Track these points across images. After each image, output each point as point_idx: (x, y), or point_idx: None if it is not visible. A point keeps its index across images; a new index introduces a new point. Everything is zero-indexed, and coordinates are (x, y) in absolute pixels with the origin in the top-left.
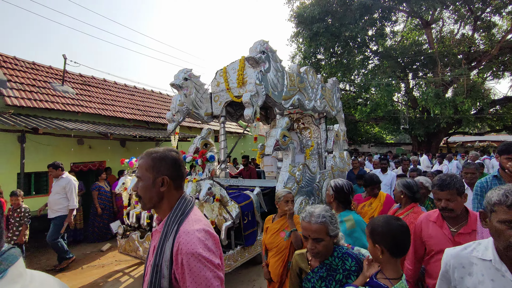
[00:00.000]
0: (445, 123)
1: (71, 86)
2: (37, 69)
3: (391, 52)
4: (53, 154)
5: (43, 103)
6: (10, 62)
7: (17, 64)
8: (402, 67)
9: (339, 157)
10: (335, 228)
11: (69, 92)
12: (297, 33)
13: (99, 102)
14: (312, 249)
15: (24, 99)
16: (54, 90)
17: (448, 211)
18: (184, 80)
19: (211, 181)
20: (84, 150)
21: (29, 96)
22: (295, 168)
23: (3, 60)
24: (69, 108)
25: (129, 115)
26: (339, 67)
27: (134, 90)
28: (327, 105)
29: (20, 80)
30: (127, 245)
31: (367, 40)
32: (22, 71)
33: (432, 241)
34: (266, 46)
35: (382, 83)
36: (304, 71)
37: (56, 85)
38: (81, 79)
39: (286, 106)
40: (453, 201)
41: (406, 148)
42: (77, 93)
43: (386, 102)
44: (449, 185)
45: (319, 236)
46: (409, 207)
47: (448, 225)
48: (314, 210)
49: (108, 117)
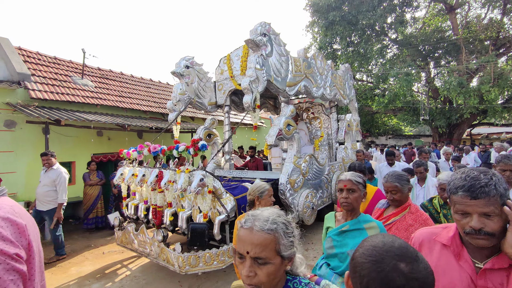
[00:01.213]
0: (469, 114)
1: (90, 79)
2: (58, 63)
3: (411, 40)
4: (75, 145)
5: (65, 96)
6: (34, 57)
7: (40, 59)
8: (423, 56)
9: (351, 148)
10: (291, 245)
11: (88, 85)
12: (312, 22)
13: (116, 94)
14: (250, 276)
15: (47, 92)
16: (74, 83)
17: (486, 237)
18: (186, 68)
19: (203, 172)
20: (104, 141)
21: (51, 89)
22: (300, 159)
23: (27, 55)
24: (88, 101)
25: (146, 107)
26: (356, 57)
27: (150, 82)
28: (338, 93)
29: (43, 74)
30: (123, 237)
31: (386, 28)
32: (45, 66)
33: (439, 278)
34: (267, 28)
35: (401, 73)
36: (312, 56)
37: (76, 79)
38: (99, 73)
39: (291, 94)
40: (494, 217)
41: (426, 140)
42: (96, 86)
43: (405, 93)
44: (487, 190)
45: (262, 254)
46: (404, 207)
47: (470, 255)
48: (261, 212)
49: (125, 109)
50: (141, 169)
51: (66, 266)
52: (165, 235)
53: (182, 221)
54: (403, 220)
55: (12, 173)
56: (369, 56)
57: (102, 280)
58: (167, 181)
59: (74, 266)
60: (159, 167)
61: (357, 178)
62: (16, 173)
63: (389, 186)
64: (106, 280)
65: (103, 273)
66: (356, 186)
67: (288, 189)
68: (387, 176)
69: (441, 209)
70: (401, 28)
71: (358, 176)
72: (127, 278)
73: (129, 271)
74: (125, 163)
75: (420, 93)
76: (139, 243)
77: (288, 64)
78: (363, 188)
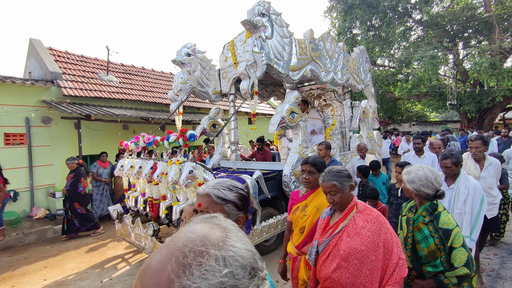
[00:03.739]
0: (502, 97)
1: (115, 75)
2: (85, 61)
3: (438, 20)
4: (104, 139)
5: (93, 92)
6: (63, 56)
7: (69, 58)
8: (451, 36)
9: (367, 137)
10: None
11: (113, 81)
12: (330, 7)
13: (139, 89)
14: None
15: (77, 89)
16: (101, 80)
17: None
18: (187, 56)
19: (193, 163)
20: (129, 135)
21: (80, 86)
22: (307, 149)
23: (57, 55)
24: (114, 96)
25: (167, 100)
26: (377, 41)
27: (170, 76)
28: (351, 78)
29: (72, 72)
30: (122, 230)
31: (409, 9)
32: (73, 64)
33: None
34: (267, 7)
35: (426, 56)
36: (321, 37)
37: (102, 75)
38: (122, 68)
39: (295, 78)
40: None
41: (454, 126)
42: (120, 82)
43: (431, 77)
44: None
45: None
46: (350, 207)
47: None
48: None
49: (148, 103)
50: (139, 160)
51: (102, 250)
52: (156, 229)
53: (176, 215)
54: (353, 223)
55: (50, 165)
56: (391, 40)
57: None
58: (160, 173)
59: (110, 250)
60: (154, 158)
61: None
62: (53, 166)
63: (327, 186)
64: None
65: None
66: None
67: (292, 181)
68: (323, 173)
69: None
70: (426, 8)
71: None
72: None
73: (128, 265)
74: (125, 155)
75: (447, 77)
76: (136, 236)
77: (291, 47)
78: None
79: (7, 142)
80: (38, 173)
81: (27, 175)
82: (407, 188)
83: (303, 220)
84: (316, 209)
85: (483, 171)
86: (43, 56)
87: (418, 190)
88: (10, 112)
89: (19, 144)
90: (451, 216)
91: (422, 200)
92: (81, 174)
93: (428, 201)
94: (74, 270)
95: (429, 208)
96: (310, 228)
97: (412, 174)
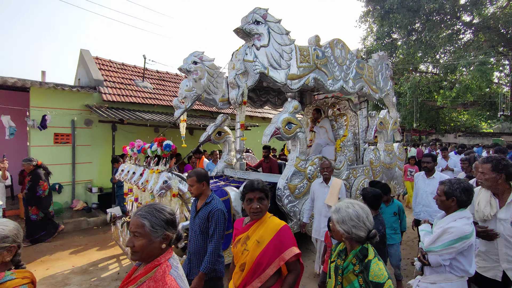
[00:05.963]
0: None
1: (149, 81)
2: (125, 68)
3: (491, 22)
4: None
5: (128, 97)
6: (106, 64)
7: (111, 66)
8: (506, 40)
9: (384, 150)
10: None
11: (148, 87)
12: (367, 12)
13: (171, 95)
14: None
15: (115, 95)
16: (136, 86)
17: None
18: (194, 64)
19: (168, 173)
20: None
21: (118, 92)
22: (305, 161)
23: (101, 63)
24: (146, 101)
25: (196, 106)
26: (419, 46)
27: None
28: (366, 86)
29: (112, 79)
30: (115, 233)
31: (458, 10)
32: (115, 71)
33: None
34: (263, 14)
35: (475, 62)
36: (328, 44)
37: (138, 82)
38: (157, 75)
39: (294, 87)
40: None
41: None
42: (154, 88)
43: (480, 84)
44: None
45: None
46: (151, 266)
47: None
48: None
49: None
50: (134, 166)
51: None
52: None
53: None
54: None
55: (89, 163)
56: (434, 44)
57: None
58: (144, 181)
59: None
60: (145, 165)
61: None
62: (92, 163)
63: (133, 223)
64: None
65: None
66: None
67: (286, 195)
68: (140, 207)
69: None
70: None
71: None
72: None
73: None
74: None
75: (502, 84)
76: (123, 241)
77: (291, 54)
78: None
79: (56, 141)
80: (79, 169)
81: (70, 171)
82: (337, 230)
83: (244, 255)
84: (257, 243)
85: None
86: (89, 65)
87: (349, 233)
88: (60, 115)
89: (65, 143)
90: (382, 265)
91: (353, 244)
92: (40, 176)
93: (359, 245)
94: (97, 259)
95: (359, 254)
96: (251, 266)
97: (342, 213)
